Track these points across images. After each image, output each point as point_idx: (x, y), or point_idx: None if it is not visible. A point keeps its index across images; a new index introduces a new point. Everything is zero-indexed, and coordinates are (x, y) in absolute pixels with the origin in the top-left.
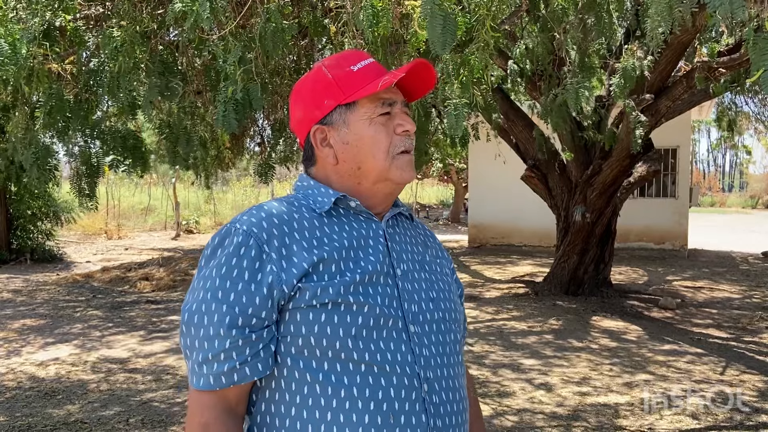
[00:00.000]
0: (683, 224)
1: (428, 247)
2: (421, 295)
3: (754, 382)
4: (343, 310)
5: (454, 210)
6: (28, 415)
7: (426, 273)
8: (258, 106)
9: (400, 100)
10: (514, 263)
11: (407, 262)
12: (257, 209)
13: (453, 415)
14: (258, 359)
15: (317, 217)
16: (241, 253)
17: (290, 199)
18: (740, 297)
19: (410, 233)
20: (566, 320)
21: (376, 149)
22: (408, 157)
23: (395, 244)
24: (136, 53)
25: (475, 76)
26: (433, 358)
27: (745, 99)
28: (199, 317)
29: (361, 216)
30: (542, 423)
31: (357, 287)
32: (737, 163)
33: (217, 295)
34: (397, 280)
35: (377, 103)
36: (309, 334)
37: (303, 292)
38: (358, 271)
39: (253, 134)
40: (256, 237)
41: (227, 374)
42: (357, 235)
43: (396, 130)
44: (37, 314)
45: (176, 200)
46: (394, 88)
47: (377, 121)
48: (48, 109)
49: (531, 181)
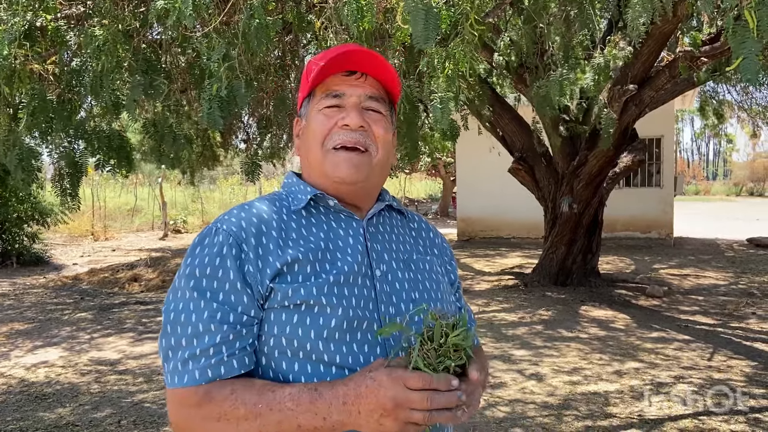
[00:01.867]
0: (669, 213)
1: (418, 244)
2: (402, 296)
3: (741, 367)
4: (316, 311)
5: (443, 204)
6: (19, 419)
7: (411, 272)
8: (243, 103)
9: (360, 94)
10: (503, 255)
11: (389, 262)
12: (238, 209)
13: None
14: (245, 353)
15: (296, 216)
16: (224, 252)
17: (273, 198)
18: (726, 284)
19: (398, 231)
20: (555, 311)
21: (313, 140)
22: (344, 154)
23: (376, 244)
24: (119, 52)
25: (460, 69)
26: None
27: (727, 87)
28: (186, 315)
29: (342, 214)
30: (534, 413)
31: (331, 288)
32: (721, 151)
33: (205, 294)
34: (376, 281)
35: (324, 94)
36: (281, 334)
37: (276, 293)
38: (333, 272)
39: (238, 131)
40: (235, 236)
41: (214, 366)
42: (334, 235)
43: (338, 123)
44: (25, 318)
45: (163, 200)
46: (355, 81)
47: (322, 113)
48: (31, 110)
49: (518, 174)
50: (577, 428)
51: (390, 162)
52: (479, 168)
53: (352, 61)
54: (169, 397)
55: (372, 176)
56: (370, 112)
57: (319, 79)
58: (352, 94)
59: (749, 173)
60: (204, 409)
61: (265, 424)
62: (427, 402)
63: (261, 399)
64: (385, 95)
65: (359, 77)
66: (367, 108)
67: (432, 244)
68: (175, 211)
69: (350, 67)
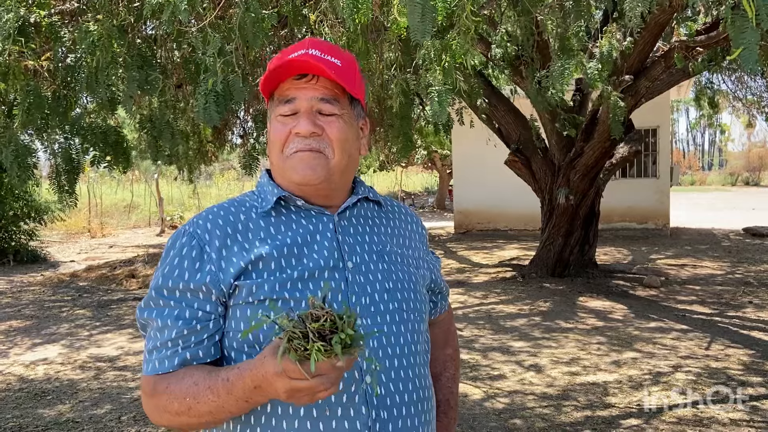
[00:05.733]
0: (665, 203)
1: (395, 236)
2: (375, 287)
3: (738, 356)
4: (279, 306)
5: (439, 197)
6: (19, 416)
7: (384, 263)
8: (239, 98)
9: (310, 97)
10: (500, 248)
11: (361, 254)
12: (207, 211)
13: (404, 405)
14: (200, 346)
15: (263, 216)
16: (183, 253)
17: (243, 199)
18: (723, 273)
19: (372, 222)
20: (553, 302)
21: (273, 147)
22: (299, 156)
23: (348, 237)
24: (114, 47)
25: (456, 61)
26: (382, 348)
27: (722, 77)
28: (149, 312)
29: (312, 211)
30: (533, 404)
31: (295, 284)
32: (716, 141)
33: (163, 293)
34: (347, 273)
35: (279, 100)
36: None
37: (240, 290)
38: (298, 269)
39: (234, 126)
40: (198, 238)
41: (169, 358)
42: (303, 232)
43: (291, 131)
44: (23, 315)
45: (159, 196)
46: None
47: (277, 120)
48: (26, 107)
49: (515, 166)
50: (577, 418)
51: (354, 159)
52: (475, 160)
53: (299, 65)
54: (142, 379)
55: (332, 177)
56: (323, 116)
57: (270, 85)
58: (302, 97)
59: (744, 163)
60: (153, 399)
61: (199, 415)
62: (303, 390)
63: (188, 392)
64: (341, 93)
65: (310, 79)
66: (319, 111)
67: (412, 232)
68: (171, 207)
69: (298, 71)
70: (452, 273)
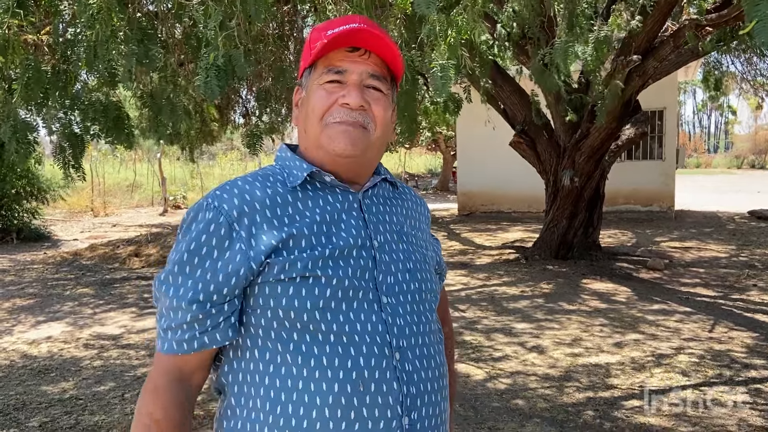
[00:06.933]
0: (670, 186)
1: (408, 217)
2: (398, 266)
3: (742, 338)
4: (311, 283)
5: (443, 178)
6: (22, 393)
7: (404, 244)
8: (242, 73)
9: (362, 71)
10: (503, 230)
11: (385, 233)
12: (231, 185)
13: (428, 381)
14: (217, 330)
15: (291, 192)
16: (210, 230)
17: (266, 173)
18: (727, 256)
19: (391, 202)
20: (556, 284)
21: (313, 114)
22: (342, 128)
23: (372, 216)
24: (114, 20)
25: (462, 37)
26: (408, 327)
27: (731, 58)
28: (167, 288)
29: (338, 188)
30: (535, 384)
31: (327, 261)
32: (722, 123)
33: (185, 270)
34: (374, 252)
35: (326, 68)
36: (277, 306)
37: (272, 267)
38: (329, 246)
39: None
40: (226, 215)
41: (188, 341)
42: (331, 209)
43: (338, 101)
44: (26, 293)
45: (162, 176)
46: (358, 57)
47: (323, 87)
48: (25, 81)
49: (519, 147)
50: (579, 399)
51: (387, 139)
52: (480, 142)
53: (356, 38)
54: (155, 356)
55: (368, 152)
56: (371, 90)
57: (322, 52)
58: (354, 71)
59: (751, 146)
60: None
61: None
62: None
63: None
64: (387, 73)
65: (362, 54)
66: (368, 86)
67: (420, 214)
68: (174, 186)
69: (354, 44)
70: (455, 255)
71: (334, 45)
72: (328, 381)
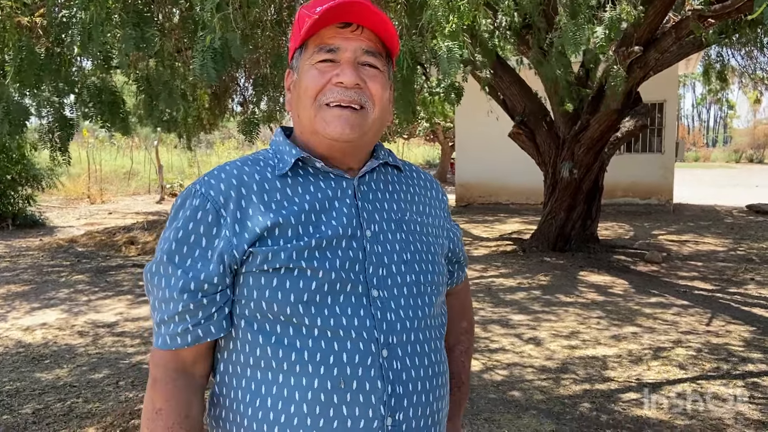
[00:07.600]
0: (669, 179)
1: (414, 203)
2: (393, 258)
3: (739, 332)
4: (295, 275)
5: (441, 169)
6: (16, 379)
7: (403, 233)
8: (238, 56)
9: (356, 47)
10: (501, 221)
11: (380, 222)
12: (219, 170)
13: (420, 380)
14: (211, 322)
15: (280, 178)
16: (198, 217)
17: (257, 157)
18: (725, 250)
19: (392, 188)
20: (554, 276)
21: (305, 96)
22: (337, 111)
23: (368, 203)
24: (108, 3)
25: (464, 23)
26: (400, 322)
27: (731, 52)
28: (158, 279)
29: (331, 174)
30: (532, 376)
31: (312, 252)
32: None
33: (174, 259)
34: (365, 242)
35: (317, 47)
36: (260, 298)
37: (255, 257)
38: (315, 236)
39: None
40: (213, 201)
41: (181, 335)
42: (322, 196)
43: (332, 80)
44: (21, 280)
45: (159, 163)
46: (350, 33)
47: (315, 67)
48: (18, 64)
49: (519, 138)
50: (575, 391)
51: (386, 120)
52: (478, 133)
53: (347, 12)
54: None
55: (367, 134)
56: (366, 68)
57: (312, 30)
58: (347, 48)
59: (750, 140)
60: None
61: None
62: None
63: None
64: (382, 49)
65: (355, 29)
66: (363, 63)
67: (432, 198)
68: (171, 174)
69: (346, 19)
70: None
71: (325, 21)
72: (308, 376)
